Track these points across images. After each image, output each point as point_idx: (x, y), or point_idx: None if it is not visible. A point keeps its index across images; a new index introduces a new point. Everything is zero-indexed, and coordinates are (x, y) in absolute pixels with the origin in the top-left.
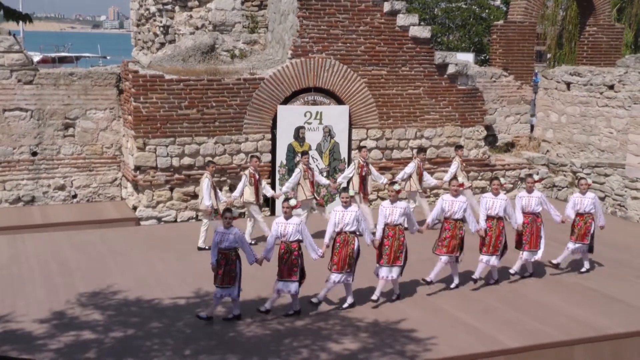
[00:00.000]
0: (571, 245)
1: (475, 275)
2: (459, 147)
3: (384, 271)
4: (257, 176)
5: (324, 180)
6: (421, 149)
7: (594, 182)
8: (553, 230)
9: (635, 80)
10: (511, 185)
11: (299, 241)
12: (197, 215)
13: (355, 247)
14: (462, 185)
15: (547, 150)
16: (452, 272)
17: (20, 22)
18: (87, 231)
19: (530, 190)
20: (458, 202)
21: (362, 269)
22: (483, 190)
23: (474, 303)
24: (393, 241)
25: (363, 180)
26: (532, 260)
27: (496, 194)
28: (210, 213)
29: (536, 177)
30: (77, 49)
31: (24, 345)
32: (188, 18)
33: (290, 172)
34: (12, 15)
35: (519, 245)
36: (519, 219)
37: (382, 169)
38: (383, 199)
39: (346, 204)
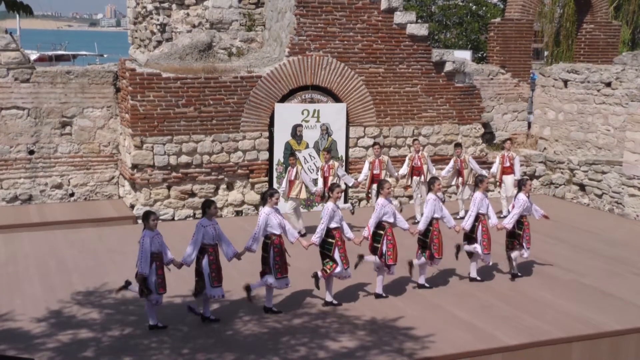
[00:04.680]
0: (526, 253)
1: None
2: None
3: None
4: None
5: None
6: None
7: (590, 179)
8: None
9: (632, 77)
10: None
11: (214, 245)
12: (194, 214)
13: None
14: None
15: (545, 148)
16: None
17: (17, 21)
18: (84, 230)
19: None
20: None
21: (361, 268)
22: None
23: (471, 300)
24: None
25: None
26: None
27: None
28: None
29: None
30: (74, 47)
31: (22, 344)
32: (185, 16)
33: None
34: (14, 6)
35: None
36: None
37: None
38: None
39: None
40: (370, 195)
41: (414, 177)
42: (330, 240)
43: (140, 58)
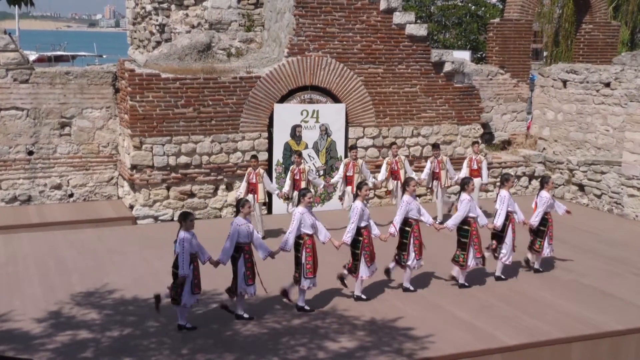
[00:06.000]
0: (547, 250)
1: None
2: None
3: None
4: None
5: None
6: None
7: (589, 179)
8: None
9: (632, 77)
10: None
11: (249, 243)
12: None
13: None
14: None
15: (544, 148)
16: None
17: (17, 21)
18: (83, 230)
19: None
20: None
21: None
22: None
23: (471, 300)
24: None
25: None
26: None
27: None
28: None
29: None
30: (73, 47)
31: (21, 345)
32: (184, 16)
33: (287, 170)
34: (15, 0)
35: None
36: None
37: (379, 167)
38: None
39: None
40: (342, 198)
41: (392, 182)
42: (359, 238)
43: (140, 59)
